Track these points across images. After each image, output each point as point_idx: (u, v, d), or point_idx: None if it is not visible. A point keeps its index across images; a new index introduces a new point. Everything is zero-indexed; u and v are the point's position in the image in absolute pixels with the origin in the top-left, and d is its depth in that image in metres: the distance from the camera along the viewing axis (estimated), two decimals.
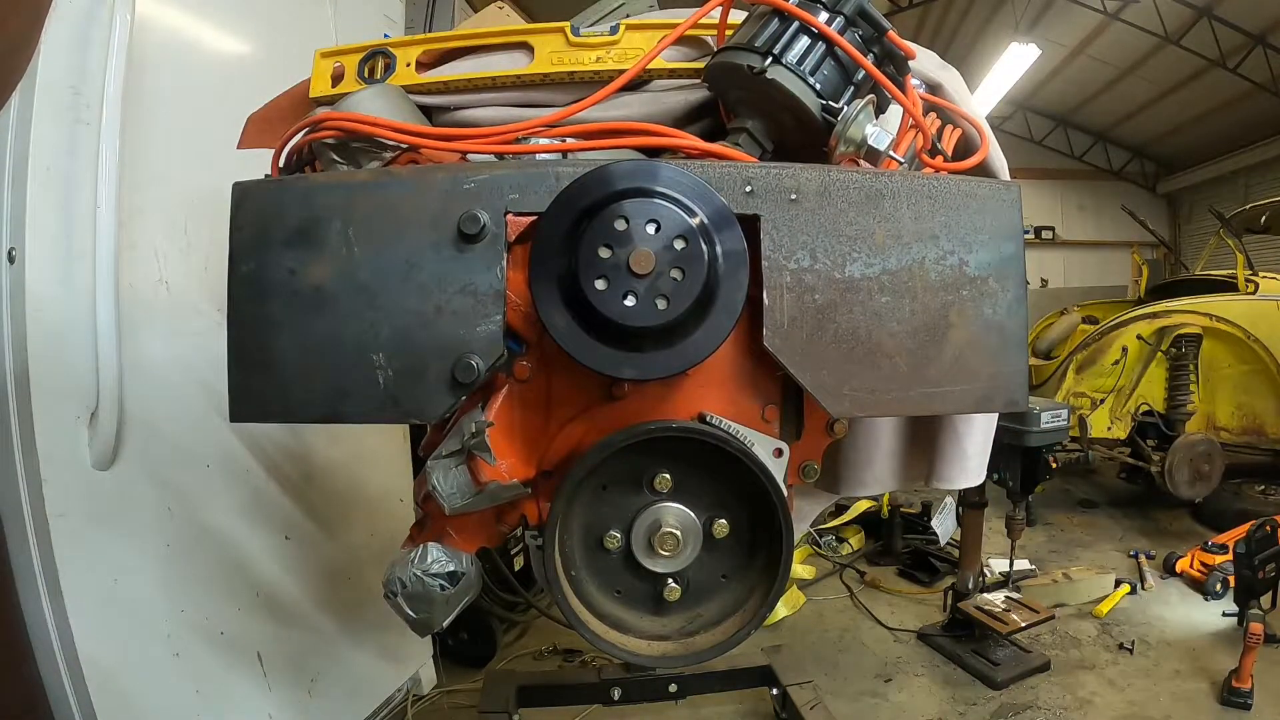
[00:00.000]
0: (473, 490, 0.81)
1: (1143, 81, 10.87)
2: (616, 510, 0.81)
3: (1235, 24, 8.98)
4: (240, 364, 0.74)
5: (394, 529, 2.08)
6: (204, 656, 1.54)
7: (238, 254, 0.74)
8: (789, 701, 1.98)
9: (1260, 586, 2.55)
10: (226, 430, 1.61)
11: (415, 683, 2.30)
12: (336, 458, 1.97)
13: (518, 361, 0.81)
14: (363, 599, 1.96)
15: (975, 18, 10.46)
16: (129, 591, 1.38)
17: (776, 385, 0.85)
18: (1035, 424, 2.48)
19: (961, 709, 2.29)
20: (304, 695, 1.80)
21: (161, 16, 1.49)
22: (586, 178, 0.71)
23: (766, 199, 0.76)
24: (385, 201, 0.74)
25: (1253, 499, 3.86)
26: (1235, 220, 4.92)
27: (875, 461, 1.20)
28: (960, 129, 1.06)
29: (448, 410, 0.75)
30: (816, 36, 0.87)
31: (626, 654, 0.82)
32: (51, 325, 1.27)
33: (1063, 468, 4.26)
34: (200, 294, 1.55)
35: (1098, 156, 13.91)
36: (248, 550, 1.67)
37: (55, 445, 1.27)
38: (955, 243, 0.79)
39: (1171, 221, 13.76)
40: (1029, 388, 1.03)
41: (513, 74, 0.97)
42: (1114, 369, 3.90)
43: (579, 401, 0.83)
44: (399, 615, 0.86)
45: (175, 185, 1.50)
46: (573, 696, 2.09)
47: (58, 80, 1.27)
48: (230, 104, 1.22)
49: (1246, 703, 2.19)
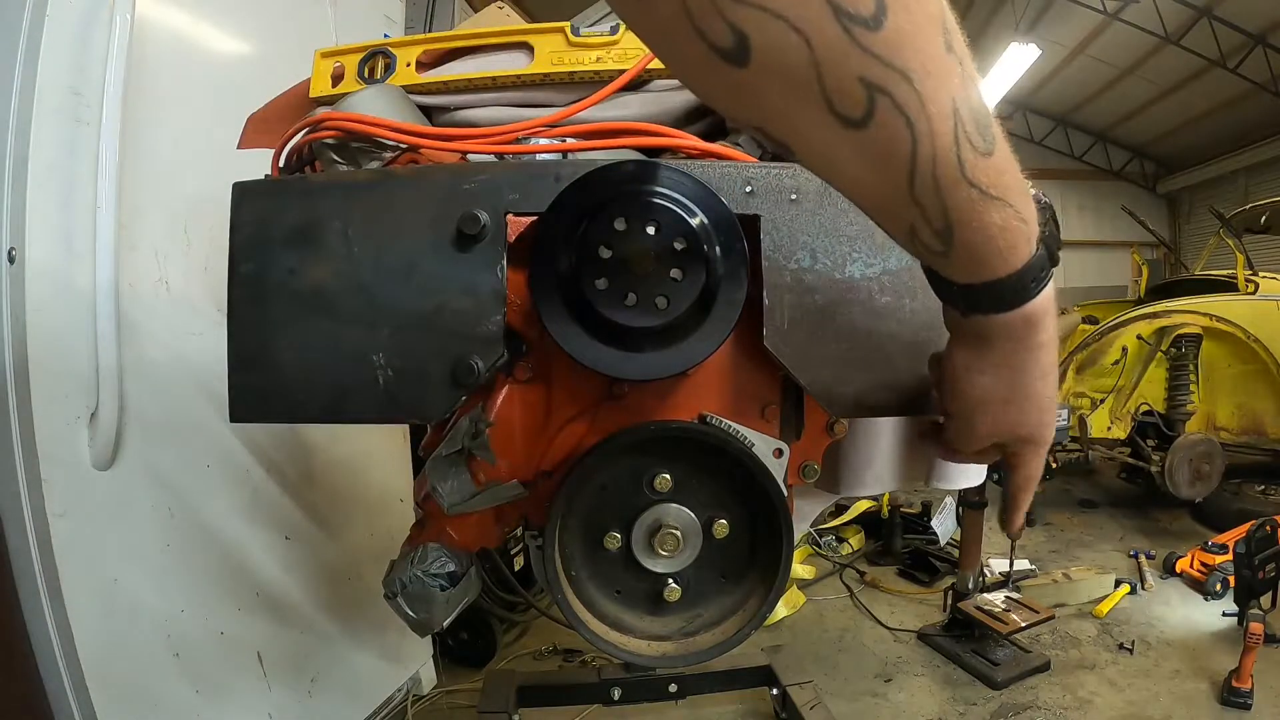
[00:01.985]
0: (473, 490, 0.81)
1: (1143, 81, 10.88)
2: (616, 510, 0.81)
3: (1235, 24, 8.99)
4: (240, 364, 0.74)
5: (394, 529, 2.08)
6: (204, 656, 1.54)
7: (238, 254, 0.74)
8: (789, 701, 1.98)
9: (1260, 586, 2.55)
10: (226, 430, 1.61)
11: (415, 683, 2.30)
12: (336, 458, 1.97)
13: (518, 361, 0.81)
14: (363, 599, 1.96)
15: (975, 18, 10.47)
16: (129, 591, 1.38)
17: (776, 385, 0.85)
18: None
19: (961, 709, 2.29)
20: (304, 695, 1.80)
21: (161, 16, 1.49)
22: (586, 178, 0.71)
23: (767, 199, 0.76)
24: (385, 202, 0.74)
25: (1253, 499, 3.85)
26: (1235, 220, 4.92)
27: (875, 461, 1.20)
28: None
29: (448, 410, 0.75)
30: None
31: (627, 654, 0.82)
32: (51, 325, 1.27)
33: (1063, 468, 4.27)
34: (200, 294, 1.55)
35: (1098, 156, 13.92)
36: (248, 550, 1.67)
37: (55, 445, 1.27)
38: None
39: (1171, 221, 13.77)
40: None
41: (513, 74, 0.97)
42: (1114, 369, 3.90)
43: (579, 401, 0.83)
44: (399, 615, 0.86)
45: (175, 185, 1.50)
46: (573, 696, 2.09)
47: (58, 80, 1.27)
48: (230, 104, 1.22)
49: (1246, 703, 2.19)
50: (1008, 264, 0.51)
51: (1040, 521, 4.01)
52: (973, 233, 0.49)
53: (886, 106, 0.40)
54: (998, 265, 0.51)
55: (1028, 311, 0.55)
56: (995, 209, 0.48)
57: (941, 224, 0.48)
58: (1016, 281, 0.52)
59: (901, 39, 0.38)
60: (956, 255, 0.51)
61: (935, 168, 0.44)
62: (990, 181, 0.46)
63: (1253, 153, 11.30)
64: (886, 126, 0.42)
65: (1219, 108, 10.73)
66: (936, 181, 0.45)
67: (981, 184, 0.46)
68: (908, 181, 0.45)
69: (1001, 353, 0.59)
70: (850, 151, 0.44)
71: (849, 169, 0.46)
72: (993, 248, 0.50)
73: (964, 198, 0.46)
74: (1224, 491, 3.84)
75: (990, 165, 0.46)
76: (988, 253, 0.50)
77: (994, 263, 0.51)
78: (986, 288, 0.53)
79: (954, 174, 0.45)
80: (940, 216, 0.47)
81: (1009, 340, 0.57)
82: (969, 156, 0.44)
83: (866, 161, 0.45)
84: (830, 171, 0.48)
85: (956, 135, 0.43)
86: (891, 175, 0.45)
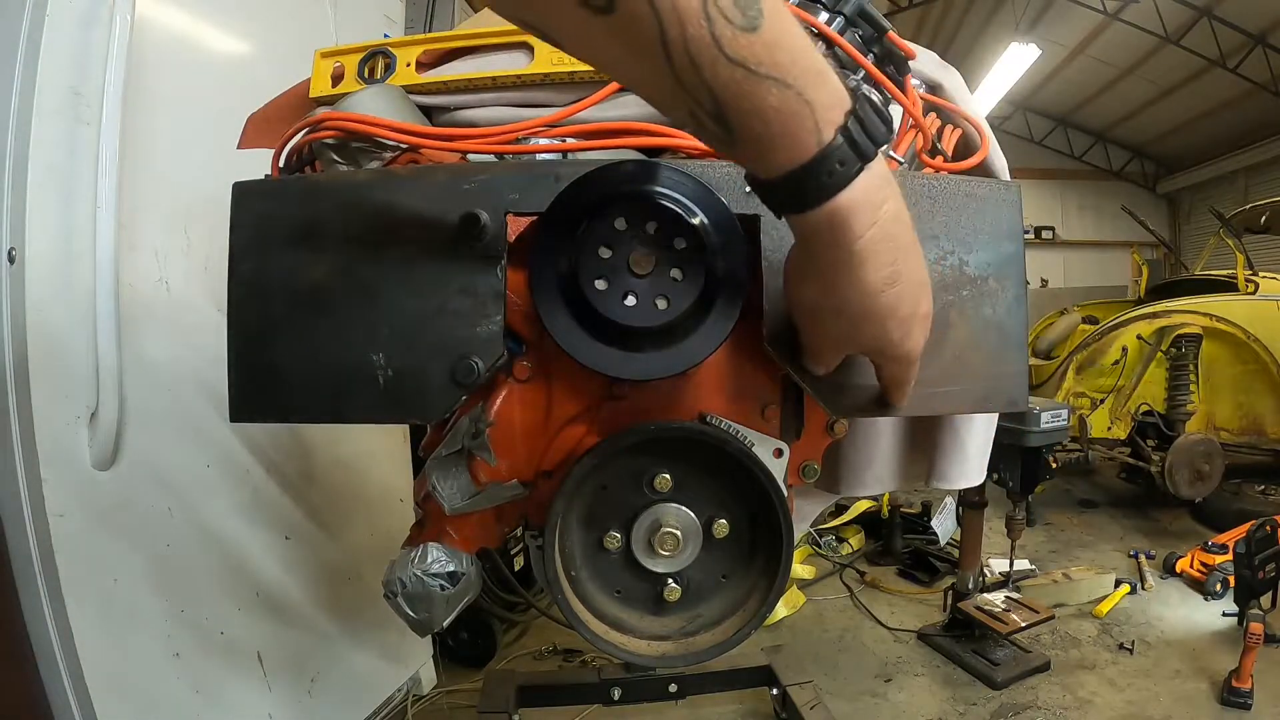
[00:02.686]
0: (473, 490, 0.81)
1: (1143, 81, 10.88)
2: (616, 510, 0.81)
3: (1235, 24, 8.99)
4: (240, 364, 0.74)
5: (394, 529, 2.08)
6: (204, 656, 1.54)
7: (237, 254, 0.74)
8: (789, 701, 1.98)
9: (1260, 586, 2.55)
10: (226, 430, 1.62)
11: (415, 683, 2.30)
12: (336, 458, 1.97)
13: (518, 361, 0.81)
14: (363, 599, 1.96)
15: (975, 18, 10.47)
16: (129, 591, 1.38)
17: (776, 385, 0.85)
18: (1035, 424, 2.48)
19: (961, 709, 2.29)
20: (304, 695, 1.80)
21: (161, 16, 1.49)
22: (586, 177, 0.71)
23: None
24: (385, 201, 0.74)
25: (1253, 499, 3.86)
26: (1235, 220, 4.93)
27: (875, 461, 1.20)
28: (960, 129, 1.05)
29: (448, 410, 0.75)
30: (816, 36, 0.87)
31: (627, 654, 0.82)
32: (51, 325, 1.27)
33: (1063, 468, 4.26)
34: (200, 294, 1.55)
35: (1098, 156, 13.92)
36: (248, 550, 1.67)
37: (55, 445, 1.27)
38: (955, 243, 0.79)
39: (1171, 221, 13.77)
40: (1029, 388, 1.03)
41: (513, 74, 0.97)
42: (1114, 369, 3.90)
43: (579, 401, 0.83)
44: (399, 615, 0.86)
45: (175, 185, 1.50)
46: (573, 696, 2.09)
47: (58, 80, 1.27)
48: (230, 104, 1.22)
49: (1246, 703, 2.19)
50: (793, 153, 0.47)
51: (1040, 521, 4.01)
52: (745, 116, 0.45)
53: None
54: (782, 155, 0.47)
55: (832, 209, 0.49)
56: (769, 89, 0.44)
57: (712, 106, 0.45)
58: (806, 174, 0.48)
59: None
60: (741, 143, 0.47)
61: (688, 45, 0.42)
62: (758, 58, 0.43)
63: (1253, 153, 11.30)
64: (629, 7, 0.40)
65: (1219, 108, 10.73)
66: (693, 60, 0.42)
67: (746, 61, 0.43)
68: (666, 63, 0.43)
69: (819, 259, 0.54)
70: (605, 38, 0.43)
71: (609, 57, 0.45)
72: (772, 133, 0.46)
73: (727, 76, 0.43)
74: (1224, 491, 3.85)
75: (757, 40, 0.43)
76: (768, 139, 0.46)
77: (778, 152, 0.47)
78: (783, 182, 0.49)
79: (710, 51, 0.42)
80: (709, 98, 0.44)
81: (819, 244, 0.52)
82: (725, 31, 0.42)
83: (622, 47, 0.43)
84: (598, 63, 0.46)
85: (706, 9, 0.41)
86: (649, 59, 0.43)
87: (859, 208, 0.49)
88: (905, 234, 0.54)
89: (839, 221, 0.50)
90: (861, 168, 0.48)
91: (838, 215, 0.49)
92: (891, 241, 0.52)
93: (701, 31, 0.41)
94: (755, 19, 0.42)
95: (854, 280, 0.53)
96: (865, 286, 0.53)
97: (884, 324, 0.56)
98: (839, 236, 0.51)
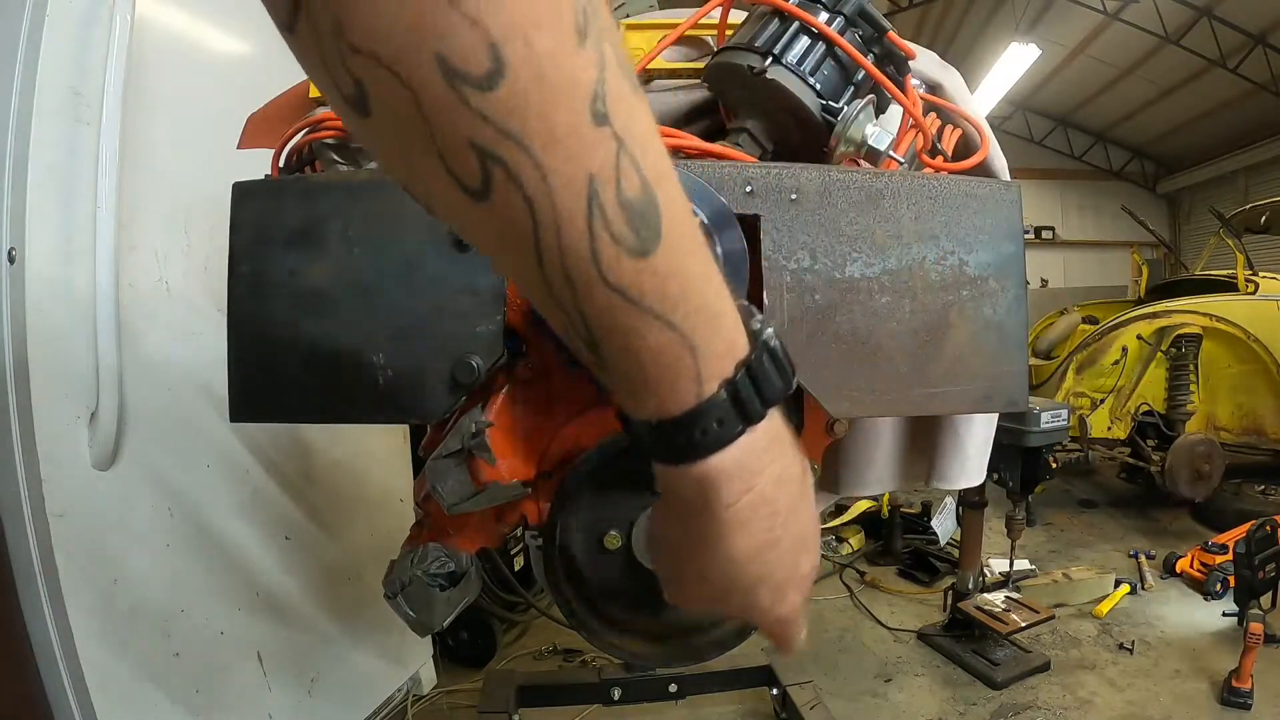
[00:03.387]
0: (473, 490, 0.81)
1: (1143, 81, 10.88)
2: (616, 510, 0.81)
3: (1235, 24, 8.99)
4: (240, 364, 0.74)
5: (394, 529, 2.08)
6: (204, 656, 1.54)
7: (238, 254, 0.74)
8: (789, 701, 1.98)
9: (1260, 586, 2.55)
10: (226, 430, 1.61)
11: (415, 683, 2.30)
12: (336, 458, 1.97)
13: (518, 361, 0.81)
14: (363, 599, 1.96)
15: (975, 18, 10.47)
16: (129, 591, 1.38)
17: None
18: (1035, 424, 2.48)
19: (961, 709, 2.29)
20: (304, 695, 1.80)
21: (161, 16, 1.49)
22: None
23: (767, 199, 0.76)
24: (385, 201, 0.74)
25: (1253, 499, 3.86)
26: (1235, 220, 4.93)
27: (875, 461, 1.20)
28: (960, 129, 1.06)
29: (448, 410, 0.75)
30: (817, 37, 0.88)
31: (627, 654, 0.82)
32: (51, 325, 1.27)
33: (1063, 468, 4.27)
34: (200, 294, 1.55)
35: (1098, 156, 13.92)
36: (248, 550, 1.67)
37: (55, 445, 1.27)
38: (955, 243, 0.79)
39: (1171, 221, 13.77)
40: (1029, 388, 1.03)
41: None
42: (1114, 369, 3.90)
43: (579, 401, 0.83)
44: (399, 615, 0.86)
45: (175, 185, 1.50)
46: (573, 696, 2.09)
47: (58, 80, 1.27)
48: (230, 104, 1.22)
49: (1246, 703, 2.19)
50: (666, 403, 0.40)
51: (1040, 521, 4.01)
52: (618, 352, 0.39)
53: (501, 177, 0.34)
54: (653, 402, 0.40)
55: (701, 472, 0.42)
56: (649, 326, 0.38)
57: (584, 332, 0.38)
58: (677, 427, 0.41)
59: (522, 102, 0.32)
60: (611, 377, 0.41)
61: (563, 257, 0.35)
62: (642, 289, 0.37)
63: (1253, 153, 11.30)
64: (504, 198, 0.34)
65: (1219, 108, 10.73)
66: (566, 275, 0.36)
67: (628, 290, 0.36)
68: (537, 272, 0.36)
69: (682, 517, 0.46)
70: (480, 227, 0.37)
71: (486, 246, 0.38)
72: (646, 376, 0.40)
73: (602, 304, 0.37)
74: (1224, 491, 3.84)
75: (645, 268, 0.36)
76: (640, 382, 0.40)
77: (649, 397, 0.40)
78: (653, 429, 0.42)
79: (587, 271, 0.36)
80: (580, 322, 0.38)
81: (682, 503, 0.45)
82: (608, 251, 0.35)
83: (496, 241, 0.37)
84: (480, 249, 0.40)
85: (591, 223, 0.35)
86: (521, 261, 0.36)
87: (731, 476, 0.43)
88: (787, 497, 0.46)
89: (707, 486, 0.43)
90: (743, 430, 0.42)
91: (706, 479, 0.43)
92: (769, 507, 0.45)
93: (581, 244, 0.35)
94: (648, 242, 0.36)
95: (719, 550, 0.46)
96: (733, 555, 0.46)
97: (753, 592, 0.48)
98: (706, 501, 0.44)
